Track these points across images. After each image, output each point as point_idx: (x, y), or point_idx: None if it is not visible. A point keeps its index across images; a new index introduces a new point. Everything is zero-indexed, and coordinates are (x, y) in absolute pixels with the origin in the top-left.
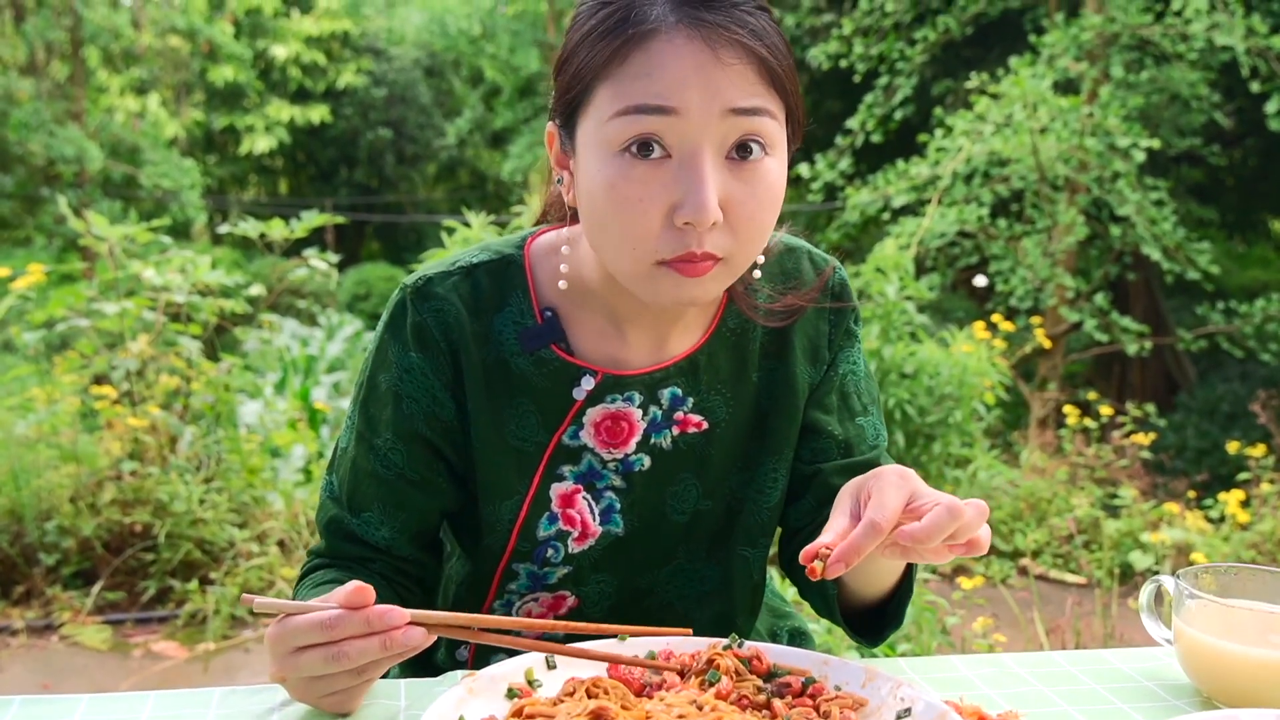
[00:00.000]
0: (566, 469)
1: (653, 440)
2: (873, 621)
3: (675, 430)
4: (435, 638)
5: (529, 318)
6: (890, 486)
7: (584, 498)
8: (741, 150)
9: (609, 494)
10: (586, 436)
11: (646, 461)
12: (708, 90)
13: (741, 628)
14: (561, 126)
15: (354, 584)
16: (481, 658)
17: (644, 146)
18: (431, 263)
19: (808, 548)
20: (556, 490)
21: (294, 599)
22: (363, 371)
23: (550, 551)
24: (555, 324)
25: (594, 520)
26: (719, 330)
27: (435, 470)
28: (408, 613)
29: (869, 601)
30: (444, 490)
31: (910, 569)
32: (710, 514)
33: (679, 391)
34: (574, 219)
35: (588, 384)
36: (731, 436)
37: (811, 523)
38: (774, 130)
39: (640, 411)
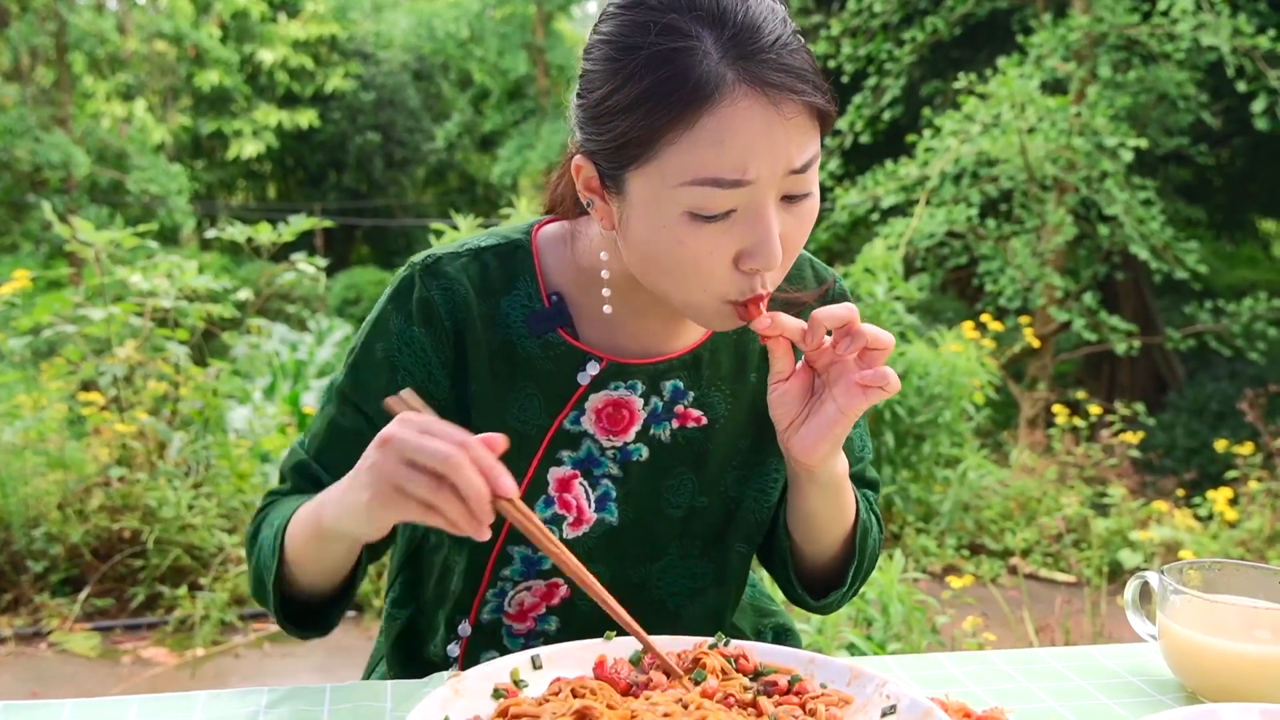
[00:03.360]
0: (565, 454)
1: (652, 431)
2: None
3: (675, 423)
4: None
5: (536, 302)
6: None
7: (580, 484)
8: (792, 198)
9: (605, 482)
10: (587, 422)
11: (645, 452)
12: (774, 155)
13: (729, 623)
14: (600, 166)
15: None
16: (472, 656)
17: (712, 215)
18: (440, 245)
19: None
20: (554, 475)
21: (256, 534)
22: (357, 338)
23: None
24: (563, 308)
25: (589, 506)
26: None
27: None
28: (515, 488)
29: (822, 568)
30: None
31: (854, 536)
32: (706, 511)
33: (680, 385)
34: (581, 212)
35: (592, 369)
36: (730, 434)
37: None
38: (817, 170)
39: (642, 400)
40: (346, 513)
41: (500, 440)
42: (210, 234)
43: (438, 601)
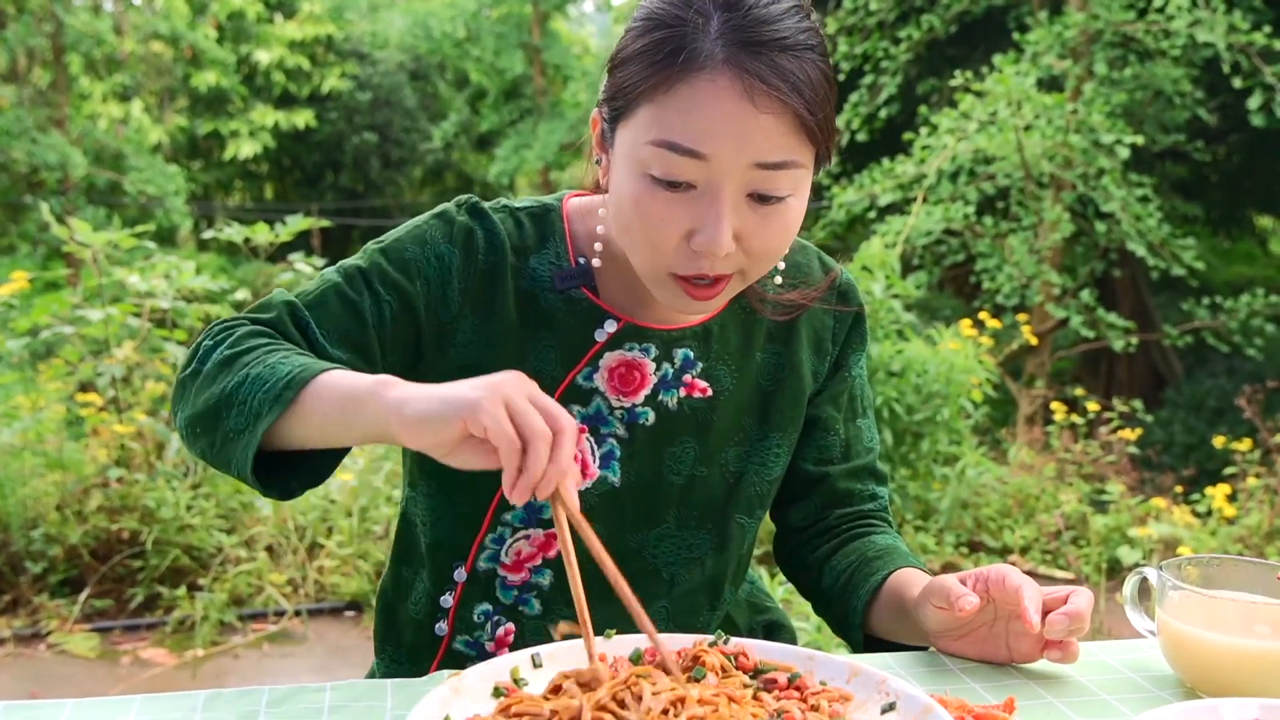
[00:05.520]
0: (575, 409)
1: (660, 397)
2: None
3: (682, 392)
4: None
5: (564, 261)
6: (1019, 575)
7: (588, 439)
8: (763, 197)
9: (611, 440)
10: (600, 380)
11: (651, 417)
12: (738, 141)
13: (725, 594)
14: (606, 119)
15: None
16: (465, 607)
17: (672, 182)
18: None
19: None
20: None
21: (233, 361)
22: (386, 237)
23: None
24: (589, 269)
25: (594, 462)
26: (731, 306)
27: (406, 354)
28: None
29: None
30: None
31: None
32: (705, 482)
33: (690, 354)
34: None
35: (610, 327)
36: (733, 409)
37: (814, 524)
38: (798, 177)
39: (654, 364)
40: (403, 410)
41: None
42: (207, 234)
43: (421, 561)
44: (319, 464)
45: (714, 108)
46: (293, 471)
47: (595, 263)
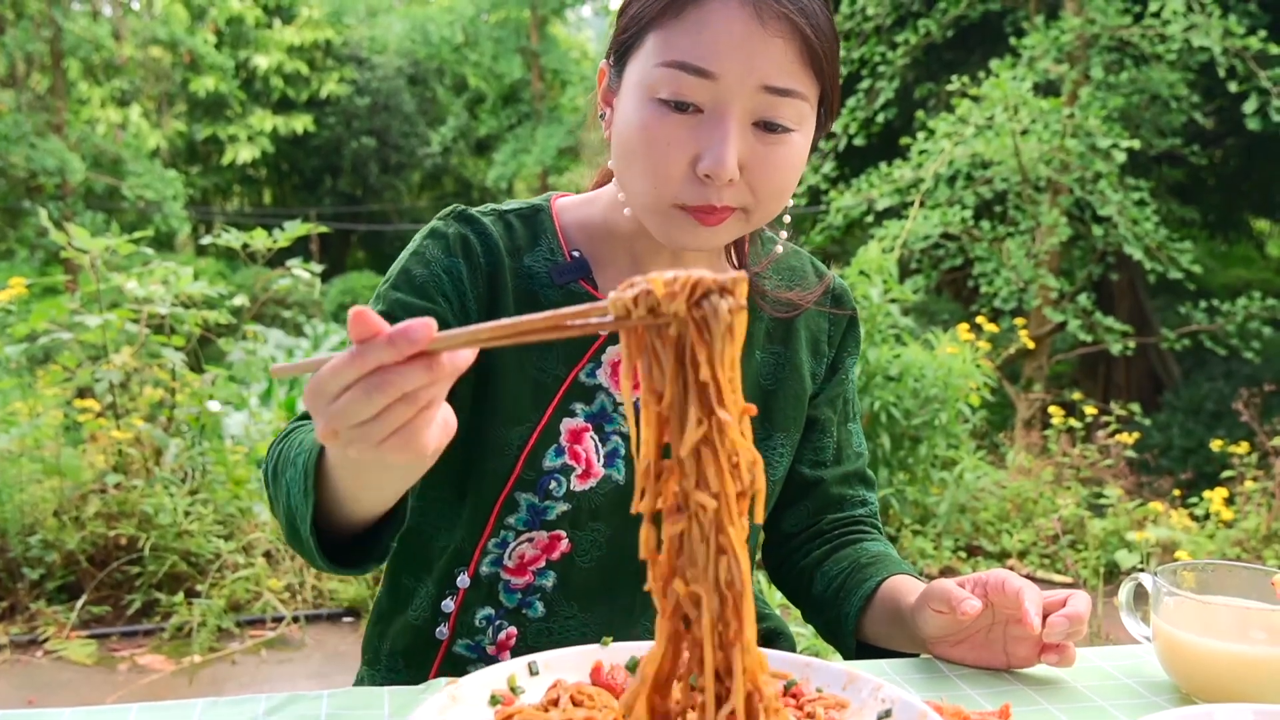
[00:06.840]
0: (579, 406)
1: None
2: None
3: None
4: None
5: (559, 256)
6: (1018, 579)
7: (591, 437)
8: (768, 125)
9: (616, 438)
10: (603, 375)
11: None
12: (748, 61)
13: None
14: (613, 65)
15: (355, 309)
16: (467, 611)
17: (680, 103)
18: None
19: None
20: (566, 425)
21: (276, 473)
22: (391, 270)
23: (553, 484)
24: (584, 262)
25: (598, 460)
26: None
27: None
28: (431, 326)
29: (886, 643)
30: (454, 394)
31: None
32: None
33: None
34: (599, 184)
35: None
36: None
37: (807, 529)
38: (803, 112)
39: None
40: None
41: (371, 318)
42: (206, 240)
43: (425, 568)
44: (396, 521)
45: (724, 28)
46: (377, 538)
47: (588, 253)
